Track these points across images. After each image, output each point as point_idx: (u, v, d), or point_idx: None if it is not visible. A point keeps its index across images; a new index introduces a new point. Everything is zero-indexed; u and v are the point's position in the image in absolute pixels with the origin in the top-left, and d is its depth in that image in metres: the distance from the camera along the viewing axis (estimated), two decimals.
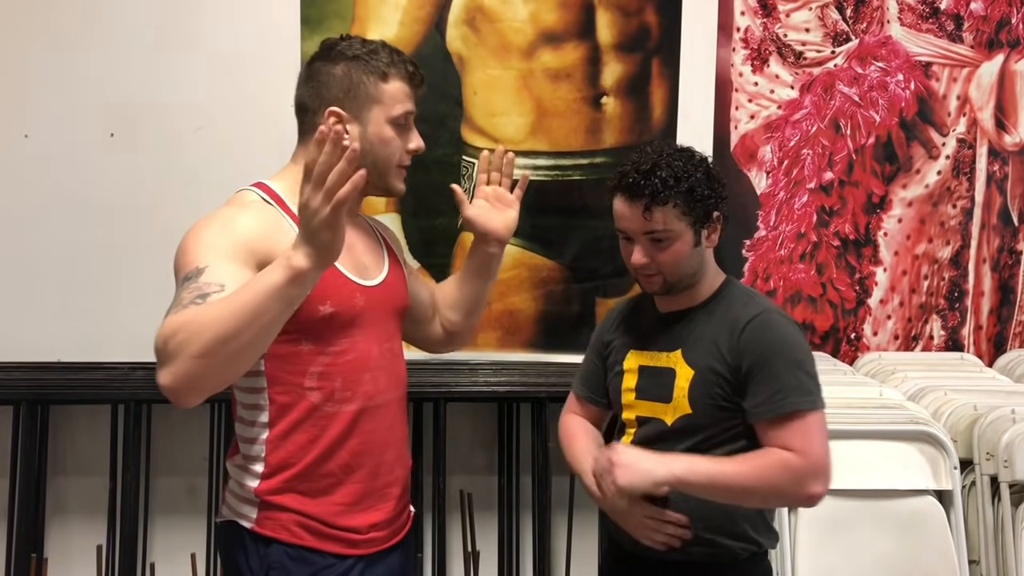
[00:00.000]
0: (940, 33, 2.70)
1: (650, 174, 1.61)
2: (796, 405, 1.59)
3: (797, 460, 1.57)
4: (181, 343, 1.30)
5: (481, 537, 2.55)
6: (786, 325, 1.66)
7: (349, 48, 1.59)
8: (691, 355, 1.67)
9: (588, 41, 2.61)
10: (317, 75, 1.59)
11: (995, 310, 2.79)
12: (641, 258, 1.66)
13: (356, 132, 1.57)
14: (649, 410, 1.70)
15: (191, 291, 1.38)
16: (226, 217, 1.50)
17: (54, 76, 2.54)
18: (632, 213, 1.64)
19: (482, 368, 2.65)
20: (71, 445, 2.62)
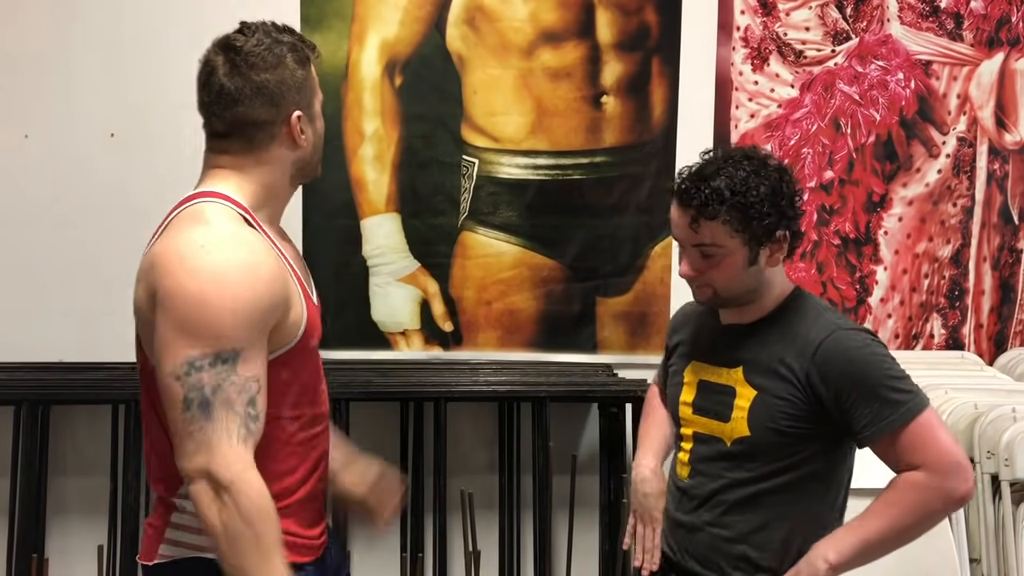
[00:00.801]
0: (940, 32, 2.69)
1: (704, 182, 1.48)
2: (905, 417, 1.50)
3: (929, 477, 1.49)
4: (237, 526, 1.29)
5: (482, 537, 2.55)
6: (858, 339, 1.56)
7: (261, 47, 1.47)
8: (753, 375, 1.58)
9: (588, 40, 2.61)
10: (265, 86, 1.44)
11: (995, 309, 2.79)
12: (688, 270, 1.56)
13: (310, 129, 1.47)
14: (706, 428, 1.62)
15: (239, 391, 1.30)
16: (249, 267, 1.34)
17: (54, 76, 2.54)
18: (680, 222, 1.53)
19: (483, 368, 2.65)
20: (72, 445, 2.62)
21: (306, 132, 1.46)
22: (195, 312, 1.30)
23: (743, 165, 1.51)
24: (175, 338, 1.31)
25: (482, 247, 2.65)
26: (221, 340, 1.30)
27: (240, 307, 1.31)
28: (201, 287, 1.30)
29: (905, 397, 1.51)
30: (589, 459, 2.66)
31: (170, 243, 1.37)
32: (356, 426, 2.59)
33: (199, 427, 1.29)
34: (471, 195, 2.63)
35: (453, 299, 2.66)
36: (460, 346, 2.68)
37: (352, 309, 2.65)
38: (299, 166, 1.49)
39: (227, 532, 1.30)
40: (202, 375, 1.29)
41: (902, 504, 1.50)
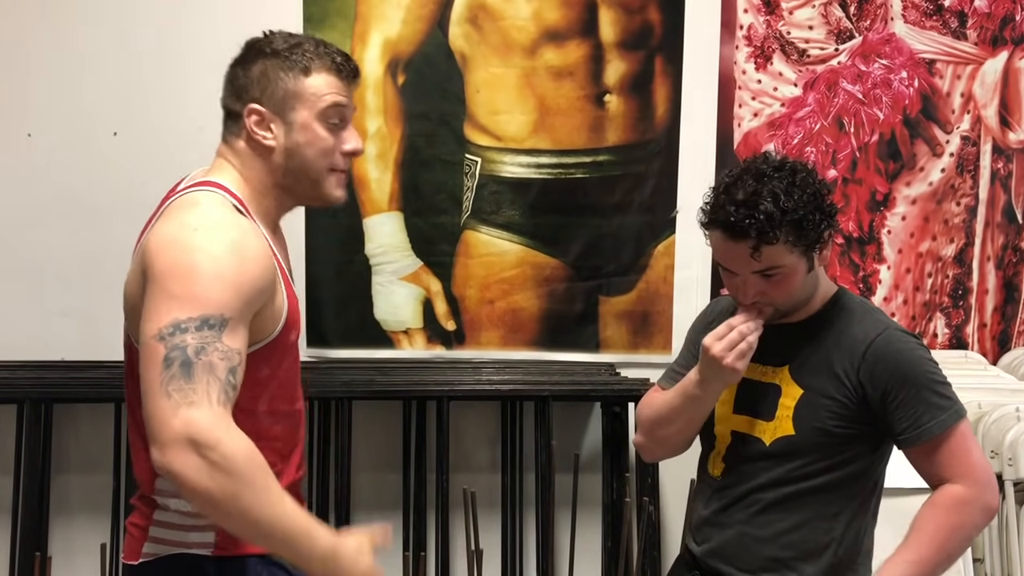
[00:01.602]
0: (944, 30, 2.69)
1: (752, 208, 1.45)
2: (944, 424, 1.52)
3: (967, 491, 1.51)
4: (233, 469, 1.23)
5: (484, 535, 2.54)
6: (908, 340, 1.57)
7: (268, 44, 1.49)
8: (801, 374, 1.57)
9: (591, 39, 2.61)
10: (236, 78, 1.50)
11: (999, 308, 2.79)
12: (751, 297, 1.53)
13: (281, 133, 1.45)
14: (747, 426, 1.60)
15: (222, 358, 1.27)
16: (239, 247, 1.34)
17: (57, 76, 2.54)
18: (736, 252, 1.49)
19: (485, 366, 2.65)
20: (75, 443, 2.62)
21: (274, 134, 1.45)
22: (185, 281, 1.29)
23: (778, 179, 1.48)
24: (163, 303, 1.29)
25: (485, 246, 2.65)
26: (209, 306, 1.28)
27: (229, 278, 1.31)
28: (192, 259, 1.30)
29: (948, 404, 1.53)
30: (592, 458, 2.66)
31: (164, 228, 1.38)
32: (359, 425, 2.60)
33: (178, 387, 1.24)
34: (474, 194, 2.63)
35: (456, 298, 2.66)
36: (463, 345, 2.68)
37: (355, 308, 2.65)
38: (278, 174, 1.47)
39: (225, 492, 1.24)
40: (186, 336, 1.26)
41: (950, 527, 1.52)
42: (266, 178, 1.48)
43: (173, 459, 1.22)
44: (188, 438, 1.22)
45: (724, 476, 1.63)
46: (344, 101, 1.48)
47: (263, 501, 1.26)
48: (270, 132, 1.46)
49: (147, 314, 1.31)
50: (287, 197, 1.51)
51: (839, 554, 1.58)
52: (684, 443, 1.70)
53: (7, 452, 2.54)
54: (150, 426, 1.25)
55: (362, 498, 2.64)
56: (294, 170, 1.47)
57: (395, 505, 2.62)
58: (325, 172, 1.48)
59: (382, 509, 2.65)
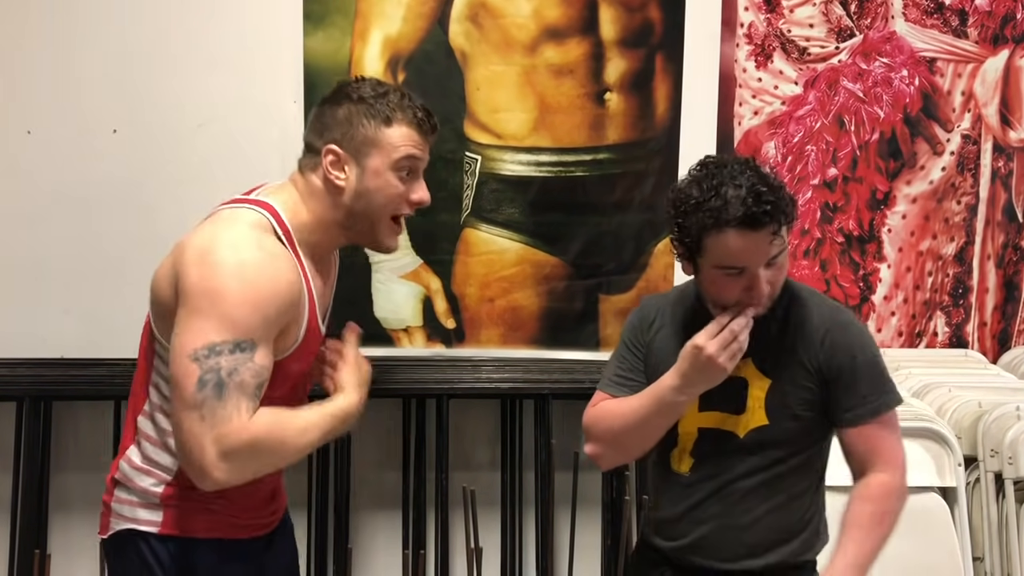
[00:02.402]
0: (945, 28, 2.69)
1: (758, 196, 1.48)
2: (886, 406, 1.62)
3: (890, 478, 1.61)
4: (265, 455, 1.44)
5: (484, 534, 2.54)
6: (856, 325, 1.66)
7: (356, 91, 1.56)
8: (766, 363, 1.60)
9: (591, 37, 2.61)
10: (322, 116, 1.56)
11: (1000, 307, 2.79)
12: (768, 290, 1.54)
13: (354, 175, 1.53)
14: (717, 421, 1.63)
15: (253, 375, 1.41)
16: (267, 271, 1.44)
17: (57, 73, 2.53)
18: (756, 244, 1.49)
19: (485, 365, 2.65)
20: (74, 441, 2.62)
21: (347, 175, 1.53)
22: (218, 303, 1.40)
23: (745, 168, 1.52)
24: (197, 323, 1.40)
25: (485, 244, 2.64)
26: (239, 330, 1.40)
27: (258, 303, 1.42)
28: (224, 282, 1.41)
29: (889, 388, 1.63)
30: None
31: (203, 238, 1.47)
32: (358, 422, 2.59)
33: (211, 408, 1.38)
34: (474, 192, 2.63)
35: (456, 296, 2.66)
36: (462, 343, 2.68)
37: (354, 306, 2.64)
38: (341, 212, 1.55)
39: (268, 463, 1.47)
40: (220, 359, 1.39)
41: (883, 519, 1.61)
42: (329, 214, 1.56)
43: (218, 478, 1.40)
44: (222, 453, 1.38)
45: (694, 472, 1.65)
46: (418, 154, 1.58)
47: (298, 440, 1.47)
48: (343, 173, 1.53)
49: (180, 328, 1.42)
50: (343, 235, 1.60)
51: (812, 527, 1.66)
52: (647, 449, 1.69)
53: (6, 450, 2.53)
54: (181, 438, 1.41)
55: (362, 496, 2.64)
56: (358, 212, 1.55)
57: (395, 503, 2.62)
58: (387, 219, 1.58)
59: (382, 507, 2.65)
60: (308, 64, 2.55)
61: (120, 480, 1.56)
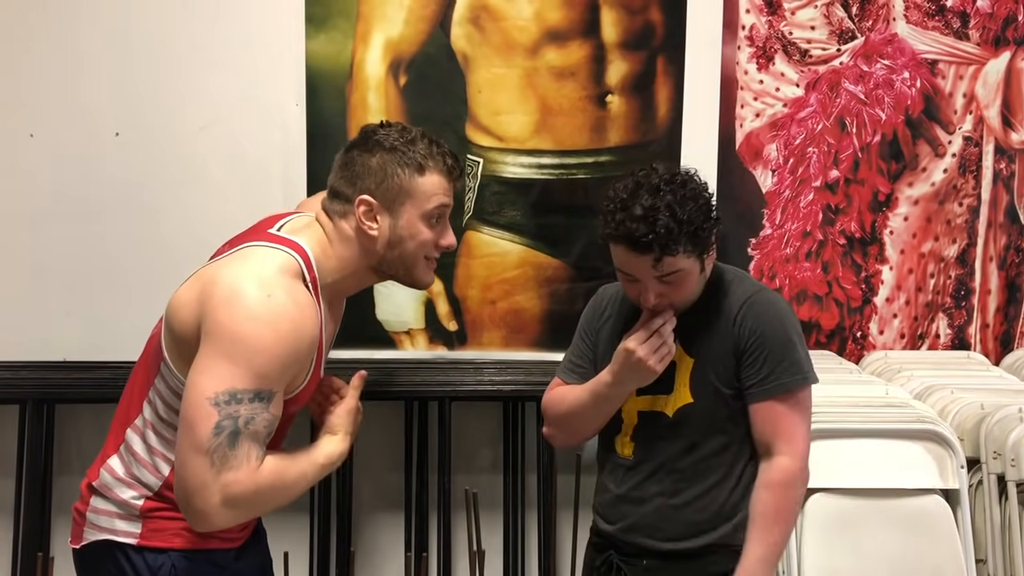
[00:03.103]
0: (946, 30, 2.69)
1: (652, 224, 1.56)
2: (789, 385, 1.65)
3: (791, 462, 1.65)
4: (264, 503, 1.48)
5: (486, 536, 2.55)
6: (778, 302, 1.71)
7: (387, 138, 1.57)
8: (690, 344, 1.69)
9: (593, 39, 2.61)
10: (353, 164, 1.57)
11: (1002, 308, 2.78)
12: (654, 300, 1.64)
13: (386, 224, 1.55)
14: (650, 404, 1.72)
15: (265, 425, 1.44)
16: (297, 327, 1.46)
17: (59, 76, 2.54)
18: (639, 263, 1.61)
19: (487, 367, 2.65)
20: (77, 444, 2.62)
21: (379, 224, 1.55)
22: (246, 351, 1.41)
23: (669, 191, 1.59)
24: (222, 367, 1.40)
25: (487, 246, 2.65)
26: (263, 381, 1.42)
27: (283, 357, 1.43)
28: (255, 330, 1.41)
29: (798, 368, 1.67)
30: (593, 459, 2.64)
31: (235, 277, 1.46)
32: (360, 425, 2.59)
33: (222, 454, 1.39)
34: (475, 194, 2.63)
35: (458, 298, 2.66)
36: (465, 345, 2.68)
37: (357, 308, 2.63)
38: (375, 259, 1.58)
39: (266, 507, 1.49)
40: (240, 407, 1.40)
41: (788, 506, 1.67)
42: (360, 260, 1.58)
43: (216, 521, 1.42)
44: (226, 500, 1.40)
45: (635, 455, 1.74)
46: (448, 202, 1.61)
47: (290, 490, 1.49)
48: (375, 223, 1.56)
49: (202, 367, 1.42)
50: (374, 277, 1.63)
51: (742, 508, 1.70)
52: (596, 432, 1.81)
53: (9, 452, 2.54)
54: (185, 477, 1.41)
55: (364, 499, 2.64)
56: (392, 259, 1.59)
57: (397, 506, 2.62)
58: (420, 261, 1.62)
59: (384, 509, 2.65)
60: (310, 67, 2.55)
61: (98, 489, 1.56)
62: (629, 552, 1.75)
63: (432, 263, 1.65)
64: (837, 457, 2.19)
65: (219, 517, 1.41)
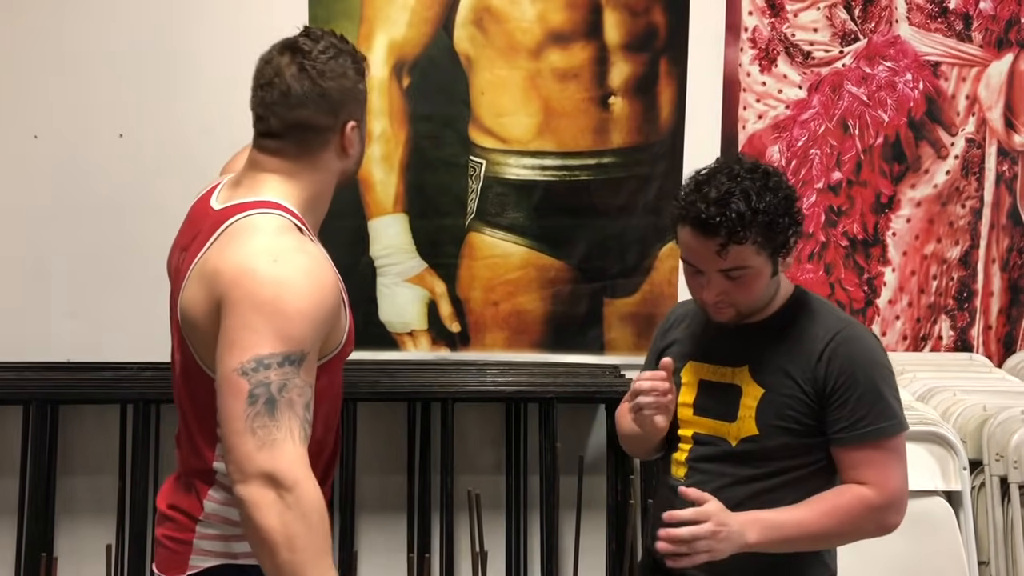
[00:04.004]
0: (949, 32, 2.69)
1: (724, 207, 1.46)
2: (880, 433, 1.52)
3: (874, 496, 1.52)
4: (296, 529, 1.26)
5: (489, 537, 2.54)
6: (869, 339, 1.58)
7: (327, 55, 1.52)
8: (761, 373, 1.57)
9: (596, 41, 2.61)
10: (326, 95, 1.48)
11: (1004, 310, 2.78)
12: (714, 296, 1.53)
13: (357, 135, 1.51)
14: (710, 428, 1.61)
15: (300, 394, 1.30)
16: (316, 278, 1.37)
17: (63, 77, 2.55)
18: (704, 249, 1.50)
19: (490, 368, 2.65)
20: (80, 445, 2.63)
21: (356, 143, 1.51)
22: (268, 315, 1.31)
23: (750, 180, 1.49)
24: (244, 337, 1.30)
25: (489, 248, 2.65)
26: (291, 342, 1.31)
27: (308, 312, 1.33)
28: (274, 293, 1.32)
29: (893, 413, 1.54)
30: (596, 460, 2.66)
31: (235, 254, 1.37)
32: (363, 426, 2.60)
33: (263, 424, 1.27)
34: (478, 196, 2.63)
35: (460, 300, 2.66)
36: (467, 347, 2.68)
37: (359, 309, 2.64)
38: (342, 176, 1.53)
39: (288, 534, 1.26)
40: (270, 372, 1.29)
41: (841, 515, 1.53)
42: (329, 186, 1.51)
43: (252, 491, 1.26)
44: (270, 474, 1.26)
45: (688, 477, 1.62)
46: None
47: (315, 558, 1.28)
48: (355, 144, 1.51)
49: (225, 345, 1.32)
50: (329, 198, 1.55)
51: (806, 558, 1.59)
52: (656, 452, 1.72)
53: (13, 453, 2.54)
54: (233, 458, 1.28)
55: (366, 499, 2.64)
56: (352, 172, 1.54)
57: (399, 506, 2.62)
58: None
59: (386, 510, 2.65)
60: None
61: (206, 518, 1.45)
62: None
63: None
64: None
65: (259, 494, 1.25)
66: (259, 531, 1.27)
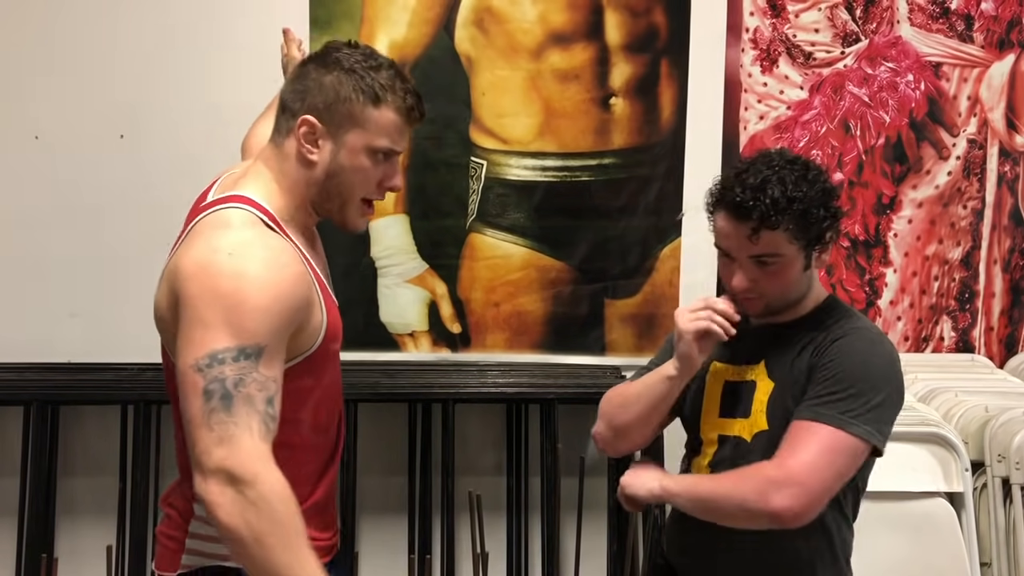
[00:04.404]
0: (950, 33, 2.68)
1: (759, 192, 1.46)
2: (819, 415, 1.47)
3: (771, 467, 1.46)
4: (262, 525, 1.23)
5: (490, 538, 2.55)
6: (880, 346, 1.54)
7: (348, 58, 1.42)
8: (774, 368, 1.57)
9: (597, 42, 2.61)
10: (305, 77, 1.43)
11: (1006, 311, 2.78)
12: (743, 283, 1.52)
13: (327, 151, 1.42)
14: (729, 427, 1.60)
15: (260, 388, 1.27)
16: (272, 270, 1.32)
17: (64, 78, 2.55)
18: (737, 234, 1.50)
19: (491, 369, 2.65)
20: (81, 446, 2.63)
21: (320, 150, 1.42)
22: (220, 309, 1.28)
23: (789, 170, 1.49)
24: (198, 333, 1.28)
25: (490, 249, 2.65)
26: (245, 335, 1.28)
27: (264, 305, 1.30)
28: (227, 286, 1.29)
29: (850, 410, 1.47)
30: (597, 461, 2.65)
31: (194, 250, 1.35)
32: (364, 427, 2.60)
33: (219, 420, 1.25)
34: (479, 197, 2.63)
35: (461, 301, 2.66)
36: (468, 347, 2.68)
37: (360, 310, 2.65)
38: (313, 189, 1.45)
39: (252, 531, 1.24)
40: (224, 368, 1.27)
41: (733, 479, 1.51)
42: (303, 190, 1.45)
43: (212, 489, 1.24)
44: (227, 471, 1.24)
45: None
46: (398, 148, 1.46)
47: (287, 549, 1.26)
48: (316, 148, 1.42)
49: (182, 342, 1.30)
50: (314, 213, 1.50)
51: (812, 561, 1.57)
52: (641, 435, 1.68)
53: (14, 454, 2.54)
54: (193, 455, 1.27)
55: (367, 501, 2.64)
56: (329, 190, 1.45)
57: (400, 508, 2.62)
58: (358, 200, 1.47)
59: (387, 512, 2.65)
60: None
61: (197, 520, 1.44)
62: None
63: (369, 208, 1.49)
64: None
65: (217, 492, 1.23)
66: (224, 530, 1.25)
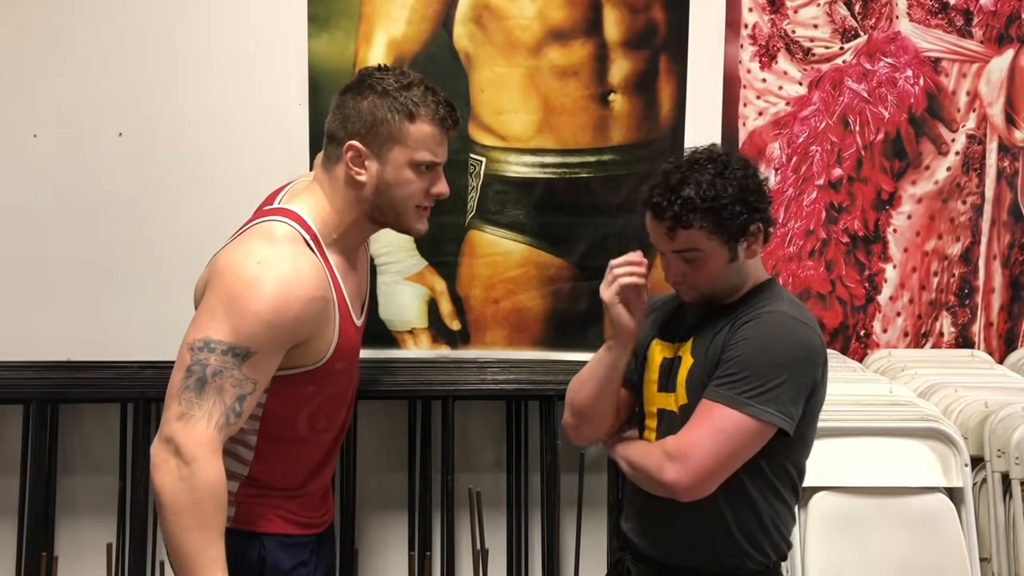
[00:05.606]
0: (949, 28, 2.68)
1: (675, 193, 1.55)
2: (715, 395, 1.55)
3: (669, 442, 1.58)
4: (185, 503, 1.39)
5: (490, 535, 2.55)
6: (792, 328, 1.58)
7: (380, 82, 1.59)
8: (697, 345, 1.66)
9: (595, 38, 2.61)
10: (344, 107, 1.59)
11: (1006, 307, 2.78)
12: (673, 276, 1.67)
13: (374, 170, 1.57)
14: (664, 401, 1.69)
15: (234, 385, 1.42)
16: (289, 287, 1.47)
17: (62, 76, 2.54)
18: (658, 232, 1.62)
19: (490, 366, 2.65)
20: (81, 444, 2.63)
21: (367, 170, 1.57)
22: (228, 307, 1.44)
23: (708, 169, 1.57)
24: (205, 318, 1.45)
25: (489, 245, 2.65)
26: (239, 336, 1.43)
27: (265, 318, 1.45)
28: (241, 290, 1.46)
29: (745, 391, 1.53)
30: (597, 458, 2.66)
31: (236, 250, 1.52)
32: (364, 424, 2.60)
33: (188, 398, 1.41)
34: (478, 193, 2.63)
35: (460, 297, 2.66)
36: (467, 344, 2.68)
37: None
38: (366, 206, 1.60)
39: (174, 501, 1.39)
40: (211, 356, 1.42)
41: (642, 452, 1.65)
42: (355, 208, 1.60)
43: (159, 451, 1.41)
44: (176, 443, 1.40)
45: None
46: (438, 158, 1.61)
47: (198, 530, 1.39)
48: (363, 169, 1.57)
49: (192, 320, 1.48)
50: (374, 225, 1.65)
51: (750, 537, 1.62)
52: (600, 416, 1.74)
53: (13, 452, 2.54)
54: (163, 417, 1.44)
55: (367, 497, 2.64)
56: (381, 205, 1.60)
57: (400, 505, 2.62)
58: (411, 209, 1.62)
59: (387, 508, 2.66)
60: (313, 67, 2.55)
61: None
62: (633, 551, 1.75)
63: (424, 211, 1.66)
64: (841, 455, 2.19)
65: (161, 455, 1.40)
66: (156, 490, 1.41)
